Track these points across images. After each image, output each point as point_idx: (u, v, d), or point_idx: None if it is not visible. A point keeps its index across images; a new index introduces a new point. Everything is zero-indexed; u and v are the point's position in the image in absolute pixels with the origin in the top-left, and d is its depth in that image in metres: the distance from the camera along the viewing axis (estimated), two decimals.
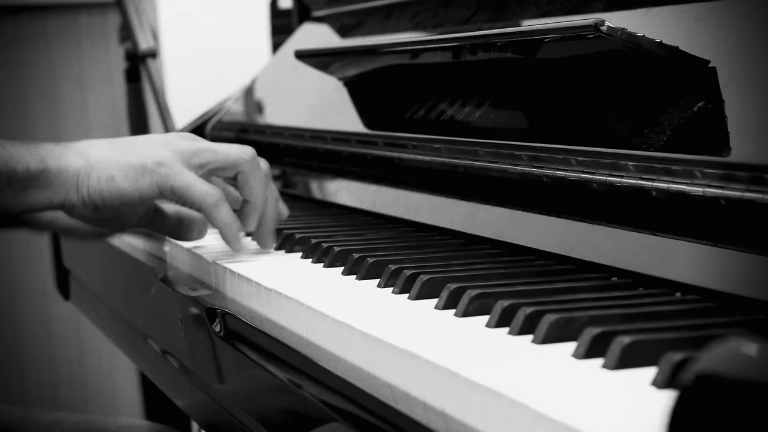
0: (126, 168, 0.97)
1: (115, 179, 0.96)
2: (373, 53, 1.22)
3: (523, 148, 0.91)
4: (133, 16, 1.86)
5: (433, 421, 0.62)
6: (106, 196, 0.96)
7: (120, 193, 0.96)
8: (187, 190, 0.97)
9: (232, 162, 0.99)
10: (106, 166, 0.97)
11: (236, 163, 0.99)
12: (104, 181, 0.96)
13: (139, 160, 0.97)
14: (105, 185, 0.96)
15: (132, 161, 0.97)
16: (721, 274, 0.70)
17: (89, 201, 0.96)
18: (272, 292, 0.85)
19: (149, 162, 0.97)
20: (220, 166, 0.99)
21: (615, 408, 0.53)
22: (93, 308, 1.50)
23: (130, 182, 0.96)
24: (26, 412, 1.30)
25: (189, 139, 1.01)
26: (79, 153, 0.97)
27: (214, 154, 0.99)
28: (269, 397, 0.82)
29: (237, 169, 0.99)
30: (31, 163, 0.94)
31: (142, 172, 0.97)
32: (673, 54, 0.81)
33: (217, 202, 0.97)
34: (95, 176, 0.96)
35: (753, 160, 0.69)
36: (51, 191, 0.95)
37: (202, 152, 0.99)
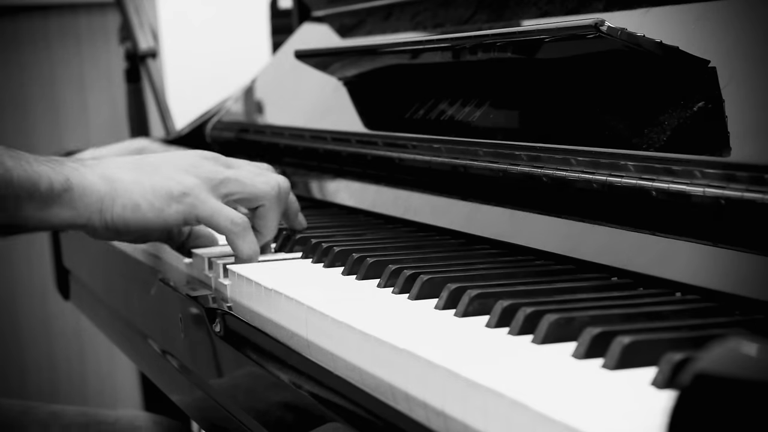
0: (152, 196, 0.96)
1: (140, 208, 0.96)
2: (373, 53, 1.22)
3: (523, 148, 0.91)
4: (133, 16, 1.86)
5: (433, 421, 0.62)
6: (130, 224, 0.96)
7: (145, 221, 0.96)
8: (212, 219, 0.96)
9: (257, 196, 0.99)
10: (132, 193, 0.96)
11: (261, 197, 0.99)
12: (129, 209, 0.96)
13: (166, 188, 0.96)
14: (130, 214, 0.96)
15: (158, 188, 0.96)
16: (721, 274, 0.70)
17: (112, 227, 0.96)
18: (272, 292, 0.85)
19: (175, 191, 0.96)
20: (245, 198, 0.99)
21: (615, 408, 0.53)
22: (93, 308, 1.50)
23: (155, 212, 0.96)
24: (26, 405, 1.30)
25: (213, 162, 1.00)
26: (104, 177, 0.96)
27: (242, 186, 0.98)
28: (269, 397, 0.82)
29: (260, 202, 0.99)
30: (54, 180, 0.93)
31: (168, 202, 0.96)
32: (673, 54, 0.81)
33: (242, 230, 0.96)
34: (120, 204, 0.95)
35: (753, 160, 0.69)
36: (74, 212, 0.95)
37: (228, 182, 0.98)
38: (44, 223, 0.95)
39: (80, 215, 0.95)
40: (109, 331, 1.44)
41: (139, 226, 0.96)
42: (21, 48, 2.58)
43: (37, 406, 1.29)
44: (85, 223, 0.96)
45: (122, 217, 0.96)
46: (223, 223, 0.96)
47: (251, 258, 0.97)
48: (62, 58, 2.61)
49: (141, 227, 0.97)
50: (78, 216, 0.95)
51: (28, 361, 2.69)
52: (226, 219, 0.96)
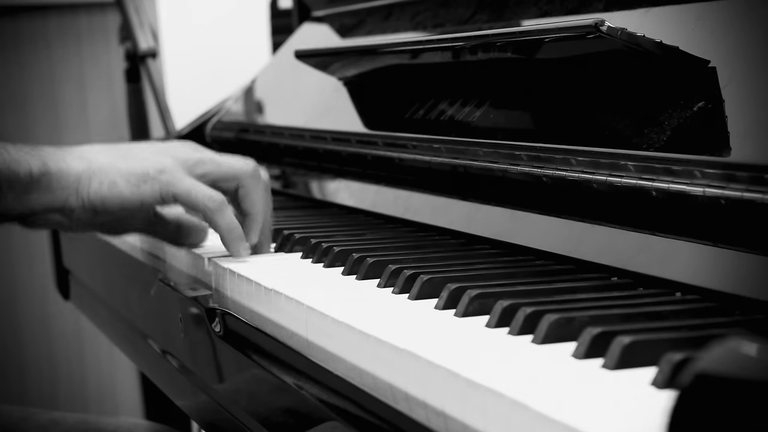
0: (128, 174, 0.97)
1: (117, 185, 0.96)
2: (373, 53, 1.22)
3: (523, 148, 0.91)
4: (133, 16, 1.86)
5: (433, 421, 0.62)
6: (107, 201, 0.96)
7: (121, 198, 0.96)
8: (189, 195, 0.97)
9: (234, 174, 0.99)
10: (108, 172, 0.97)
11: (238, 175, 0.99)
12: (106, 186, 0.96)
13: (142, 167, 0.97)
14: (107, 190, 0.96)
15: (134, 168, 0.97)
16: (721, 274, 0.70)
17: (89, 205, 0.96)
18: (272, 292, 0.85)
19: (151, 169, 0.97)
20: (221, 176, 0.99)
21: (615, 408, 0.53)
22: (93, 308, 1.50)
23: (132, 188, 0.97)
24: (25, 411, 1.30)
25: (191, 148, 1.01)
26: (81, 157, 0.97)
27: (217, 165, 0.99)
28: (269, 397, 0.82)
29: (238, 181, 0.99)
30: (33, 166, 0.94)
31: (144, 179, 0.97)
32: (673, 54, 0.81)
33: (219, 205, 0.97)
34: (97, 181, 0.96)
35: (753, 160, 0.69)
36: (52, 194, 0.95)
37: (204, 162, 0.99)
38: (24, 209, 0.95)
39: (58, 197, 0.96)
40: (109, 332, 1.44)
41: (116, 204, 0.96)
42: (21, 48, 2.58)
43: (37, 413, 1.29)
44: (63, 204, 0.96)
45: (99, 193, 0.96)
46: (200, 199, 0.96)
47: (232, 231, 0.97)
48: (62, 57, 2.61)
49: (117, 205, 0.97)
50: (56, 198, 0.96)
51: (27, 361, 2.69)
52: (203, 195, 0.96)
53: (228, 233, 0.97)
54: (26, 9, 2.56)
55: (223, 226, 0.97)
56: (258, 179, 1.00)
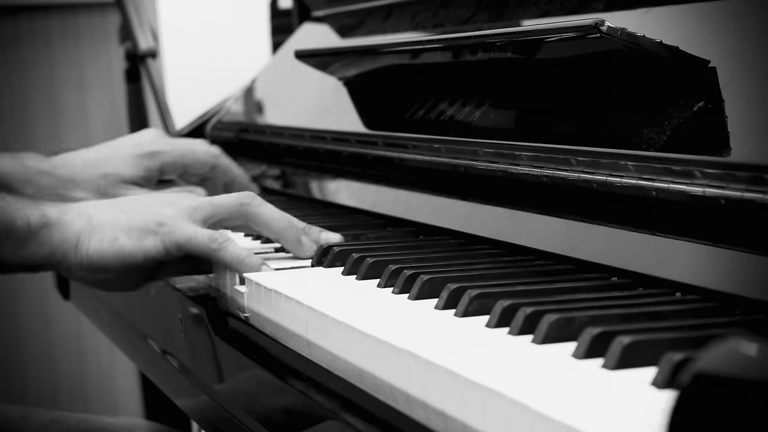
0: (129, 229, 0.95)
1: (118, 240, 0.94)
2: (373, 53, 1.22)
3: (523, 148, 0.91)
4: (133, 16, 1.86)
5: (433, 421, 0.62)
6: (107, 258, 0.94)
7: (123, 253, 0.95)
8: (190, 242, 0.95)
9: (234, 210, 0.98)
10: (110, 228, 0.95)
11: (239, 211, 0.98)
12: (107, 242, 0.94)
13: (142, 222, 0.95)
14: (108, 246, 0.94)
15: (135, 222, 0.95)
16: (721, 274, 0.70)
17: (87, 262, 0.94)
18: (272, 292, 0.85)
19: (151, 222, 0.95)
20: (225, 217, 0.98)
21: (615, 408, 0.53)
22: (93, 308, 1.50)
23: (133, 242, 0.95)
24: (26, 411, 1.30)
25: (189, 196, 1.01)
26: (81, 213, 0.96)
27: (215, 207, 0.97)
28: (269, 397, 0.82)
29: (244, 217, 0.98)
30: (31, 218, 0.93)
31: (146, 233, 0.95)
32: (673, 54, 0.81)
33: (220, 245, 0.94)
34: (97, 238, 0.94)
35: (753, 160, 0.69)
36: (49, 248, 0.94)
37: (201, 207, 0.97)
38: (20, 261, 0.94)
39: (56, 252, 0.94)
40: (109, 332, 1.44)
41: (117, 260, 0.95)
42: (21, 48, 2.58)
43: (37, 412, 1.29)
44: (60, 260, 0.94)
45: (98, 250, 0.94)
46: (201, 244, 0.94)
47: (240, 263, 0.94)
48: (62, 58, 2.61)
49: (119, 261, 0.95)
50: (54, 253, 0.94)
51: (28, 361, 2.69)
52: (203, 239, 0.94)
53: (237, 265, 0.94)
54: (26, 9, 2.56)
55: (230, 262, 0.94)
56: (259, 205, 0.98)
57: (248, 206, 0.98)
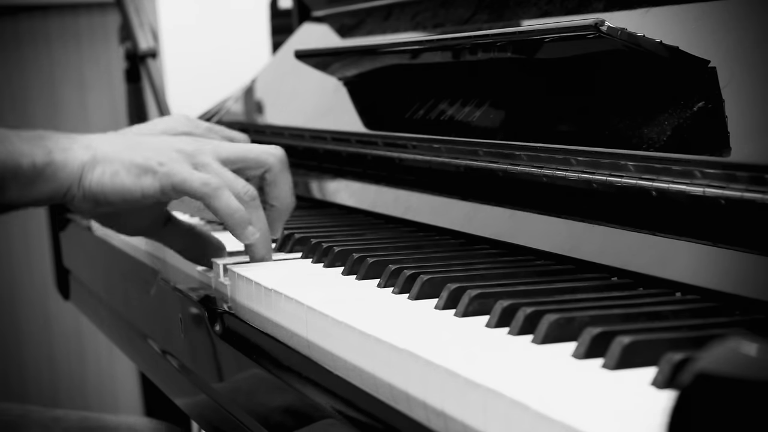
0: (130, 164, 0.95)
1: (118, 174, 0.95)
2: (373, 53, 1.22)
3: (523, 148, 0.91)
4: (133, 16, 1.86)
5: (433, 421, 0.62)
6: (108, 191, 0.95)
7: (122, 188, 0.95)
8: (185, 183, 0.94)
9: (254, 158, 0.97)
10: (112, 161, 0.95)
11: (261, 161, 0.97)
12: (108, 175, 0.95)
13: (144, 158, 0.96)
14: (108, 179, 0.95)
15: (137, 159, 0.96)
16: (721, 274, 0.70)
17: (90, 195, 0.95)
18: (272, 292, 0.85)
19: (153, 161, 0.95)
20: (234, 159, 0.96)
21: (615, 408, 0.53)
22: (93, 308, 1.50)
23: (133, 178, 0.95)
24: (26, 409, 1.30)
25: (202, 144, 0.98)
26: (87, 146, 0.96)
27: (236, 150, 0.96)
28: (269, 397, 0.82)
29: (263, 166, 0.97)
30: (36, 157, 0.93)
31: (145, 170, 0.95)
32: (673, 54, 0.81)
33: (215, 189, 0.93)
34: (99, 170, 0.95)
35: (753, 160, 0.69)
36: (55, 183, 0.94)
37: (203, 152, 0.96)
38: (28, 200, 0.95)
39: (61, 186, 0.95)
40: (109, 331, 1.44)
41: (117, 194, 0.95)
42: (21, 48, 2.58)
43: (37, 411, 1.29)
44: (65, 192, 0.95)
45: (100, 183, 0.95)
46: (196, 185, 0.94)
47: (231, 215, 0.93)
48: (62, 57, 2.61)
49: (119, 195, 0.95)
50: (59, 188, 0.94)
51: (28, 361, 2.69)
52: (199, 180, 0.94)
53: (228, 218, 0.93)
54: (26, 9, 2.56)
55: (221, 210, 0.93)
56: (286, 167, 0.97)
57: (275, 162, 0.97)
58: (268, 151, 0.98)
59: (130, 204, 0.97)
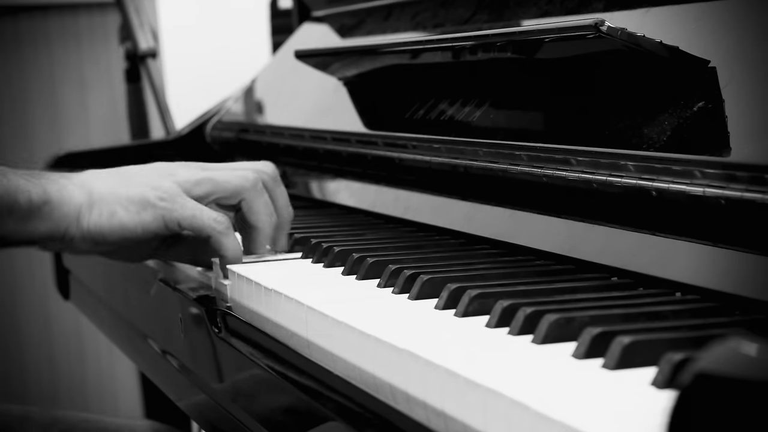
0: (128, 202, 0.95)
1: (116, 214, 0.95)
2: (373, 53, 1.22)
3: (523, 148, 0.91)
4: (133, 16, 1.86)
5: (433, 421, 0.62)
6: (106, 231, 0.95)
7: (121, 227, 0.95)
8: (194, 220, 0.95)
9: (233, 190, 0.98)
10: (109, 201, 0.95)
11: (237, 191, 0.99)
12: (105, 216, 0.95)
13: (141, 194, 0.96)
14: (106, 221, 0.95)
15: (133, 195, 0.96)
16: (721, 274, 0.70)
17: (89, 236, 0.95)
18: (272, 292, 0.85)
19: (151, 196, 0.95)
20: (222, 195, 0.98)
21: (615, 408, 0.53)
22: (93, 308, 1.50)
23: (131, 216, 0.95)
24: (26, 411, 1.30)
25: (192, 168, 1.00)
26: (82, 186, 0.96)
27: (216, 185, 0.98)
28: (269, 397, 0.82)
29: (240, 197, 0.99)
30: (33, 193, 0.93)
31: (144, 206, 0.95)
32: (673, 54, 0.81)
33: (225, 228, 0.96)
34: (97, 211, 0.95)
35: (753, 160, 0.69)
36: (52, 223, 0.94)
37: (203, 182, 0.98)
38: (24, 237, 0.94)
39: (58, 227, 0.94)
40: (109, 332, 1.44)
41: (115, 233, 0.95)
42: (21, 48, 2.58)
43: (37, 412, 1.29)
44: (63, 234, 0.95)
45: (98, 224, 0.95)
46: (206, 223, 0.95)
47: (237, 256, 0.96)
48: (62, 57, 2.61)
49: (117, 234, 0.95)
50: (56, 228, 0.94)
51: (28, 361, 2.69)
52: (209, 218, 0.95)
53: (233, 256, 0.96)
54: (26, 9, 2.56)
55: (229, 249, 0.96)
56: (260, 192, 0.99)
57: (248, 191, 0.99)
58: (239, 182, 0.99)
59: (130, 241, 0.97)
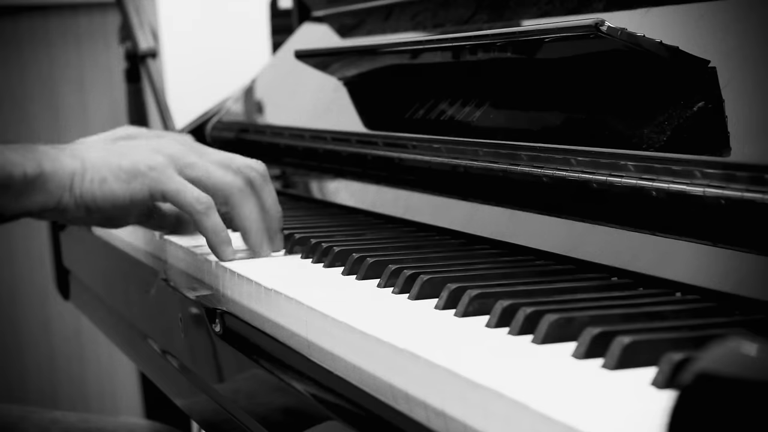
0: (118, 170, 0.98)
1: (107, 181, 0.97)
2: (373, 53, 1.22)
3: (523, 148, 0.91)
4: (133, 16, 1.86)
5: (433, 421, 0.62)
6: (98, 198, 0.97)
7: (112, 195, 0.97)
8: (178, 195, 0.97)
9: (221, 189, 0.99)
10: (100, 168, 0.97)
11: (225, 192, 0.99)
12: (97, 183, 0.97)
13: (132, 164, 0.98)
14: (97, 187, 0.97)
15: (125, 165, 0.98)
16: (721, 274, 0.70)
17: (81, 203, 0.97)
18: (272, 292, 0.85)
19: (142, 166, 0.98)
20: (209, 188, 0.99)
21: (615, 408, 0.53)
22: (93, 308, 1.50)
23: (121, 184, 0.97)
24: (26, 411, 1.30)
25: (187, 146, 1.01)
26: (74, 155, 0.98)
27: (207, 176, 0.99)
28: (269, 397, 0.82)
29: (226, 198, 1.00)
30: (27, 167, 0.95)
31: (135, 175, 0.97)
32: (673, 54, 0.81)
33: (206, 209, 0.97)
34: (88, 178, 0.97)
35: (753, 160, 0.69)
36: (46, 194, 0.96)
37: (195, 167, 0.99)
38: (20, 210, 0.96)
39: (52, 197, 0.96)
40: (109, 332, 1.44)
41: (107, 201, 0.97)
42: (21, 48, 2.58)
43: (37, 412, 1.29)
44: (57, 203, 0.97)
45: (90, 191, 0.97)
46: (188, 200, 0.97)
47: (218, 238, 0.97)
48: (62, 57, 2.61)
49: (109, 202, 0.97)
50: (50, 198, 0.96)
51: (28, 361, 2.69)
52: (191, 196, 0.97)
53: (213, 236, 0.97)
54: (26, 9, 2.56)
55: (208, 229, 0.97)
56: (247, 196, 1.00)
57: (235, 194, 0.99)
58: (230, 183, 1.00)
59: (120, 209, 0.99)
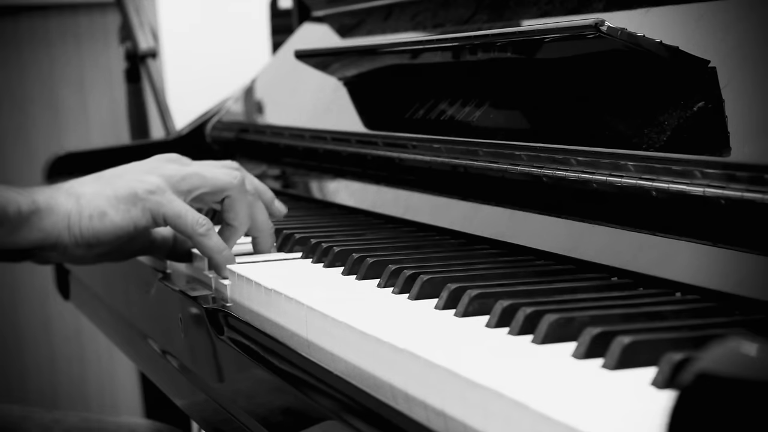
0: (116, 200, 0.96)
1: (107, 214, 0.96)
2: (373, 53, 1.22)
3: (523, 148, 0.91)
4: (133, 16, 1.86)
5: (433, 421, 0.62)
6: (100, 234, 0.96)
7: (114, 227, 0.96)
8: (178, 219, 0.97)
9: (220, 187, 0.99)
10: (97, 203, 0.96)
11: (224, 188, 0.99)
12: (96, 218, 0.96)
13: (129, 190, 0.97)
14: (98, 222, 0.96)
15: (121, 192, 0.97)
16: (721, 274, 0.70)
17: (82, 240, 0.96)
18: (272, 292, 0.85)
19: (139, 190, 0.97)
20: (208, 191, 0.99)
21: (615, 408, 0.53)
22: (93, 308, 1.50)
23: (122, 214, 0.96)
24: (26, 411, 1.30)
25: (176, 163, 1.01)
26: (69, 193, 0.97)
27: (203, 180, 0.99)
28: (269, 397, 0.82)
29: (225, 194, 1.00)
30: (22, 204, 0.94)
31: (133, 202, 0.96)
32: (673, 54, 0.81)
33: (206, 231, 0.97)
34: (87, 215, 0.96)
35: (753, 160, 0.69)
36: (42, 232, 0.95)
37: (189, 177, 0.99)
38: (15, 247, 0.95)
39: (50, 235, 0.95)
40: (109, 332, 1.44)
41: (109, 234, 0.96)
42: (21, 48, 2.58)
43: (38, 412, 1.29)
44: (55, 242, 0.96)
45: (90, 227, 0.96)
46: (189, 225, 0.96)
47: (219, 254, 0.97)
48: (62, 57, 2.61)
49: (111, 234, 0.96)
50: (47, 236, 0.95)
51: (28, 361, 2.68)
52: (191, 220, 0.96)
53: (217, 255, 0.97)
54: (26, 9, 2.56)
55: (212, 249, 0.97)
56: (243, 192, 1.00)
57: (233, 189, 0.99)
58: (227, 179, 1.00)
59: (123, 240, 0.98)
